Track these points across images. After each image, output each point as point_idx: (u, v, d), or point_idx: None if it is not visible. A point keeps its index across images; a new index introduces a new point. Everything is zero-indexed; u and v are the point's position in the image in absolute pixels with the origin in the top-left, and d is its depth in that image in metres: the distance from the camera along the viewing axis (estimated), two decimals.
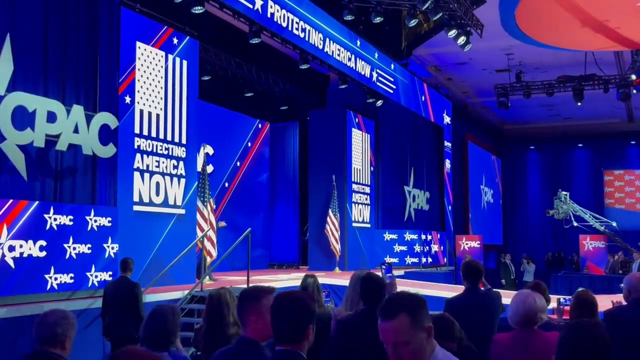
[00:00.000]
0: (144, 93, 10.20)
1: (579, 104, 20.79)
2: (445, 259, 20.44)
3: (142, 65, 10.16)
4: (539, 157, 30.73)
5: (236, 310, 3.12)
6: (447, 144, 21.55)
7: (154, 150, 10.33)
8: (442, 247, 20.14)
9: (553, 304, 6.97)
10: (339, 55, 14.16)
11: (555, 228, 29.59)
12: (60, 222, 8.26)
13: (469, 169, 25.67)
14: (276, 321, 2.66)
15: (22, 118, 8.06)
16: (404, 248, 17.69)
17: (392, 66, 16.89)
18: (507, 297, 4.65)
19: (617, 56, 19.56)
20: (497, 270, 21.04)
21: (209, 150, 14.95)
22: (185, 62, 11.10)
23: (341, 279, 11.74)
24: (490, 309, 5.04)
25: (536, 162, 30.81)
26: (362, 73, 15.23)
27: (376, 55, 15.97)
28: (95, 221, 8.80)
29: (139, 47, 10.11)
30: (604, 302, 6.43)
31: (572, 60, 19.72)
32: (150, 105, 10.30)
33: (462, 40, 15.24)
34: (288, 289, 2.97)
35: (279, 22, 12.01)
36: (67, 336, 3.44)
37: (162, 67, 10.57)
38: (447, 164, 21.57)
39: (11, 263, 7.60)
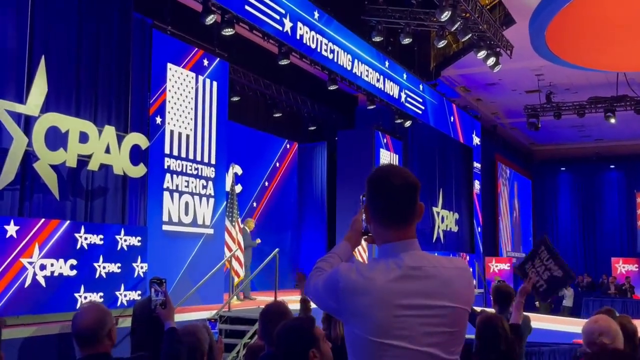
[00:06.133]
0: (175, 114, 10.31)
1: (613, 121, 20.47)
2: (474, 282, 20.20)
3: (172, 86, 10.28)
4: (570, 179, 30.29)
5: None
6: (477, 165, 21.38)
7: (184, 171, 10.42)
8: (471, 269, 19.87)
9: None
10: (367, 76, 14.19)
11: (586, 250, 29.11)
12: (90, 242, 8.34)
13: (498, 190, 25.42)
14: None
15: (55, 138, 8.18)
16: None
17: (421, 87, 16.87)
18: (540, 320, 4.57)
19: None
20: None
21: (238, 170, 15.00)
22: (215, 83, 11.20)
23: None
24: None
25: (567, 183, 30.38)
26: (391, 94, 15.23)
27: (405, 76, 15.97)
28: (125, 240, 8.86)
29: (170, 69, 10.24)
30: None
31: (603, 81, 19.51)
32: (180, 126, 10.40)
33: (491, 61, 15.20)
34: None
35: (308, 44, 12.09)
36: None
37: (192, 88, 10.69)
38: (477, 185, 21.39)
39: (42, 282, 7.68)
